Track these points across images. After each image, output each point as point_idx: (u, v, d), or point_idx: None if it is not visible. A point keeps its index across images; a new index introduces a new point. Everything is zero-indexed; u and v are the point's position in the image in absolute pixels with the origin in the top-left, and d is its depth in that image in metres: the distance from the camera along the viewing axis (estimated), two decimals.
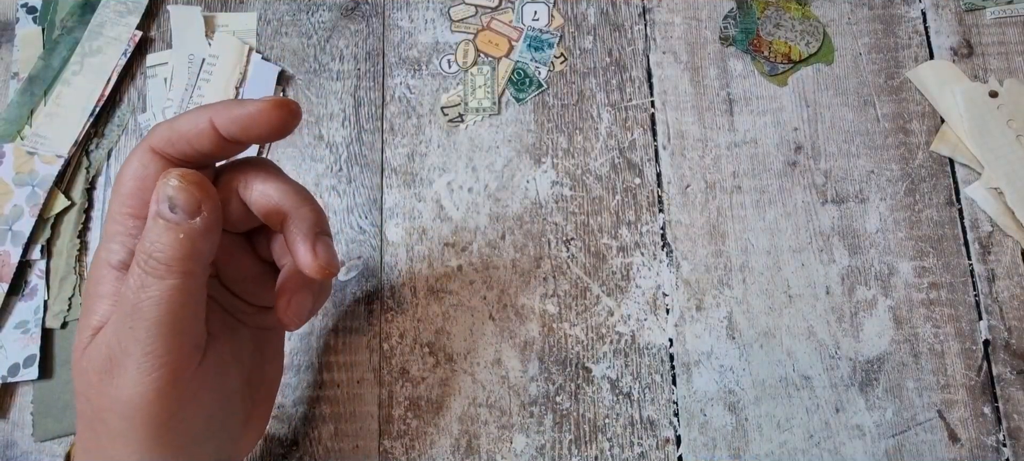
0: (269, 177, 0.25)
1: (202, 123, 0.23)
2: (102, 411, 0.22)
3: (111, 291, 0.23)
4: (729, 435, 0.32)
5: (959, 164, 0.35)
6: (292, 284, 0.26)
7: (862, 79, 0.37)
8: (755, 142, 0.36)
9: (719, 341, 0.33)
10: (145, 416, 0.22)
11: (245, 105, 0.23)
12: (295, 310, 0.26)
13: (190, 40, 0.37)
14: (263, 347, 0.28)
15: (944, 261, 0.34)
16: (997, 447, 0.32)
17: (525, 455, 0.32)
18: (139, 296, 0.22)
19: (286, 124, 0.23)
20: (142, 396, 0.22)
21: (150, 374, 0.22)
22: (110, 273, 0.23)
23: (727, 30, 0.38)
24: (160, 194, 0.22)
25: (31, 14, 0.38)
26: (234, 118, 0.23)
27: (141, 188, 0.23)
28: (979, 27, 0.37)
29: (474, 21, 0.38)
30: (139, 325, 0.21)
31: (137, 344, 0.21)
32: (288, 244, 0.25)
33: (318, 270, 0.24)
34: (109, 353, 0.22)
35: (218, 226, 0.23)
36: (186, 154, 0.24)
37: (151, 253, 0.22)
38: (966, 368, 0.33)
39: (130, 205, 0.23)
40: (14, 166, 0.35)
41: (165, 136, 0.23)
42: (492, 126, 0.36)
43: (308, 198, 0.25)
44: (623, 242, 0.35)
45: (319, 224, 0.25)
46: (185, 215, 0.22)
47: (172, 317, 0.22)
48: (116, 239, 0.23)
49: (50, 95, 0.36)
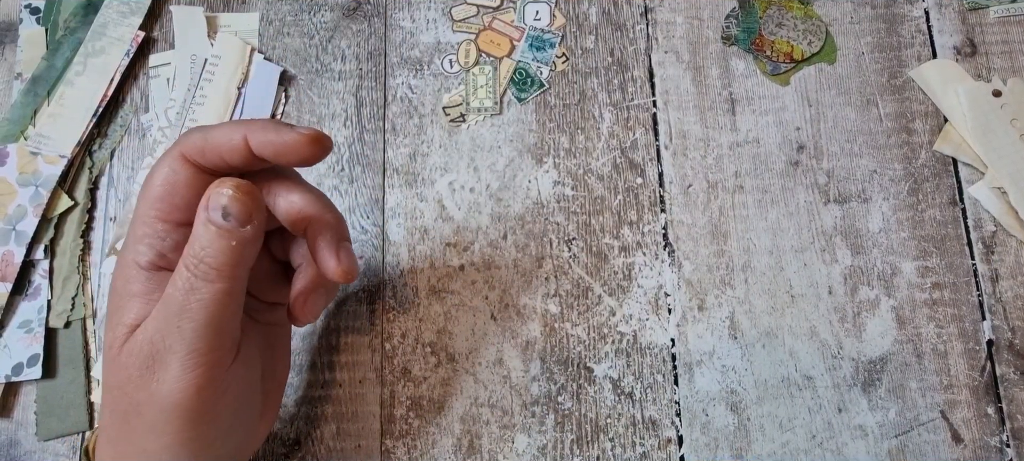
0: (294, 186, 0.26)
1: (237, 139, 0.24)
2: (140, 404, 0.23)
3: (142, 290, 0.24)
4: (731, 435, 0.32)
5: (962, 164, 0.35)
6: (309, 284, 0.27)
7: (865, 78, 0.37)
8: (757, 142, 0.36)
9: (721, 341, 0.33)
10: (183, 409, 0.23)
11: (282, 132, 0.24)
12: (311, 308, 0.27)
13: (192, 40, 0.37)
14: (273, 343, 0.29)
15: (947, 261, 0.34)
16: (1000, 448, 0.32)
17: (527, 455, 0.32)
18: (188, 298, 0.23)
19: (318, 157, 0.25)
20: (182, 391, 0.23)
21: (194, 371, 0.23)
22: (139, 273, 0.24)
23: (729, 29, 0.38)
24: (213, 202, 0.23)
25: (34, 14, 0.38)
26: (270, 142, 0.24)
27: (170, 193, 0.24)
28: (982, 26, 0.37)
29: (476, 21, 0.38)
30: (186, 325, 0.23)
31: (183, 342, 0.23)
32: (312, 249, 0.26)
33: (342, 275, 0.26)
34: (152, 350, 0.23)
35: (263, 234, 0.24)
36: (216, 165, 0.25)
37: (202, 258, 0.23)
38: (969, 368, 0.33)
39: (158, 208, 0.24)
40: (17, 166, 0.35)
41: (198, 145, 0.24)
42: (494, 126, 0.36)
43: (330, 206, 0.27)
44: (625, 242, 0.35)
45: (342, 231, 0.27)
46: (237, 223, 0.23)
47: (218, 319, 0.23)
48: (144, 241, 0.24)
49: (53, 95, 0.36)
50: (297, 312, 0.27)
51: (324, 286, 0.28)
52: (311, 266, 0.28)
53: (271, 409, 0.29)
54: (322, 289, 0.28)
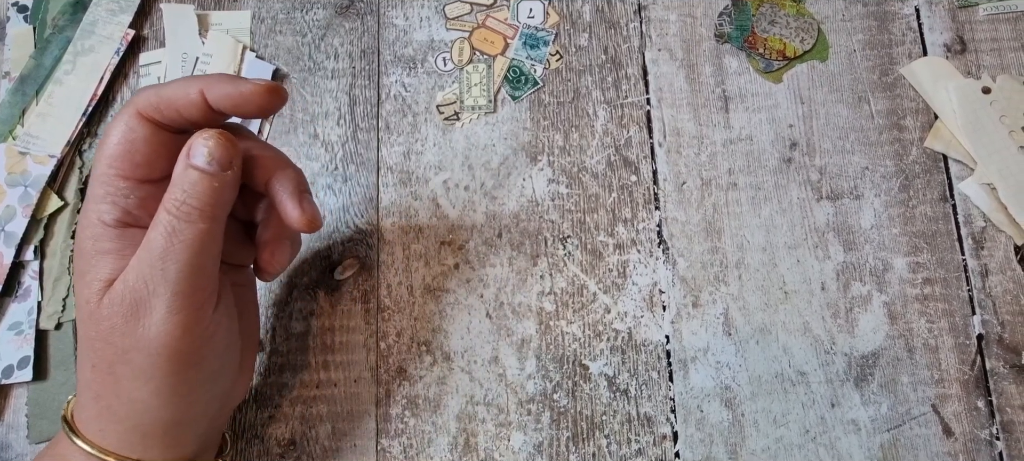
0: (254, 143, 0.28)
1: (193, 93, 0.25)
2: (127, 351, 0.24)
3: (113, 247, 0.25)
4: (726, 431, 0.32)
5: (953, 160, 0.36)
6: (272, 236, 0.29)
7: (856, 76, 0.37)
8: (750, 139, 0.36)
9: (715, 337, 0.33)
10: (171, 351, 0.24)
11: (238, 84, 0.25)
12: (279, 258, 0.29)
13: (183, 39, 0.37)
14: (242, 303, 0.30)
15: (938, 256, 0.34)
16: (990, 440, 0.32)
17: (523, 453, 0.32)
18: (171, 241, 0.24)
19: (274, 108, 0.26)
20: (169, 333, 0.24)
21: (179, 313, 0.24)
22: (107, 230, 0.25)
23: (722, 27, 0.38)
24: (196, 149, 0.24)
25: (22, 13, 0.37)
26: (227, 95, 0.25)
27: (130, 150, 0.25)
28: (972, 23, 0.37)
29: (469, 19, 0.38)
30: (170, 267, 0.24)
31: (168, 285, 0.24)
32: (275, 201, 0.27)
33: (305, 223, 0.27)
34: (135, 298, 0.24)
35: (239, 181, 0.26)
36: (173, 120, 0.25)
37: (184, 200, 0.24)
38: (960, 362, 0.33)
39: (118, 167, 0.25)
40: (6, 166, 0.35)
41: (152, 101, 0.25)
42: (488, 124, 0.36)
43: (288, 160, 0.28)
44: (619, 239, 0.35)
45: (302, 183, 0.28)
46: (219, 167, 0.24)
47: (200, 259, 0.24)
48: (107, 200, 0.25)
49: (42, 95, 0.36)
50: (264, 263, 0.29)
51: (288, 237, 0.29)
52: (275, 218, 0.29)
53: (248, 366, 0.30)
54: (287, 241, 0.29)
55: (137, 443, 0.25)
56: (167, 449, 0.26)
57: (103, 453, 0.25)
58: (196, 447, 0.27)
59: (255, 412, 0.32)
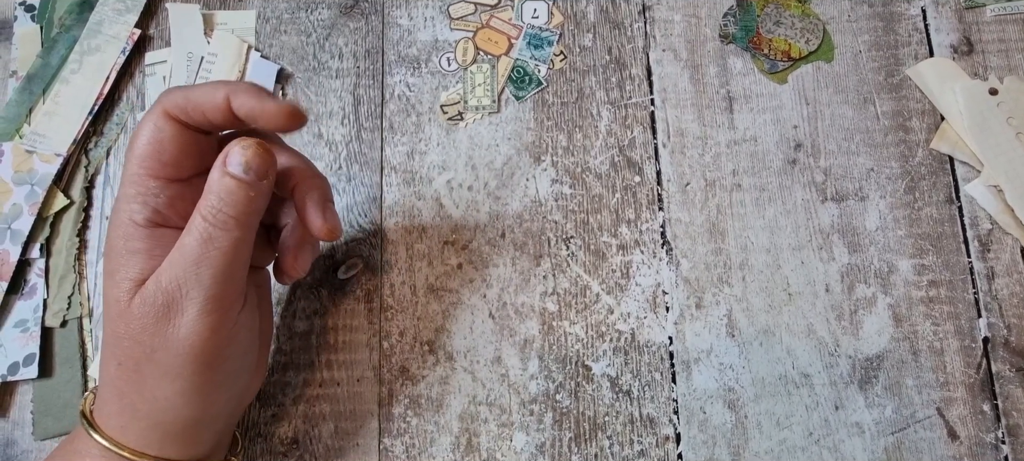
0: (282, 150, 0.29)
1: (219, 98, 0.25)
2: (155, 350, 0.24)
3: (144, 247, 0.25)
4: (729, 433, 0.32)
5: (959, 162, 0.35)
6: (296, 242, 0.29)
7: (862, 77, 0.37)
8: (755, 140, 0.36)
9: (719, 339, 0.33)
10: (198, 352, 0.25)
11: (263, 99, 0.25)
12: (301, 263, 0.30)
13: (189, 38, 0.37)
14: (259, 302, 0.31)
15: (943, 259, 0.34)
16: (996, 444, 0.32)
17: (525, 453, 0.32)
18: (207, 247, 0.24)
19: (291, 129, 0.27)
20: (199, 335, 0.24)
21: (210, 315, 0.24)
22: (138, 230, 0.25)
23: (727, 27, 0.38)
24: (234, 158, 0.25)
25: (29, 12, 0.38)
26: (250, 107, 0.25)
27: (158, 150, 0.25)
28: (979, 24, 0.37)
29: (474, 19, 0.38)
30: (205, 272, 0.24)
31: (202, 289, 0.24)
32: (299, 209, 0.28)
33: (327, 232, 0.28)
34: (167, 299, 0.24)
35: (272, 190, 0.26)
36: (198, 122, 0.26)
37: (220, 208, 0.24)
38: (965, 365, 0.33)
39: (147, 166, 0.25)
40: (13, 164, 0.35)
41: (179, 103, 0.25)
42: (492, 124, 0.36)
43: (315, 169, 0.29)
44: (623, 240, 0.35)
45: (326, 192, 0.29)
46: (256, 177, 0.25)
47: (232, 266, 0.25)
48: (137, 199, 0.25)
49: (49, 93, 0.36)
50: (288, 267, 0.29)
51: (311, 243, 0.30)
52: (298, 225, 0.29)
53: (263, 363, 0.31)
54: (309, 246, 0.30)
55: (156, 441, 0.26)
56: (185, 447, 0.26)
57: (121, 448, 0.25)
58: (211, 445, 0.28)
59: (258, 411, 0.33)
